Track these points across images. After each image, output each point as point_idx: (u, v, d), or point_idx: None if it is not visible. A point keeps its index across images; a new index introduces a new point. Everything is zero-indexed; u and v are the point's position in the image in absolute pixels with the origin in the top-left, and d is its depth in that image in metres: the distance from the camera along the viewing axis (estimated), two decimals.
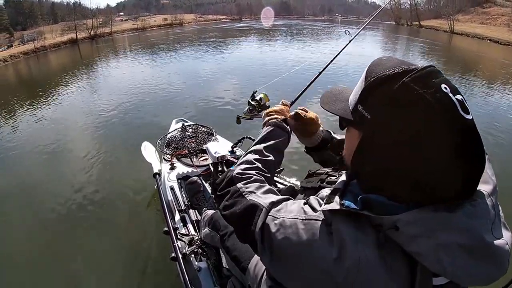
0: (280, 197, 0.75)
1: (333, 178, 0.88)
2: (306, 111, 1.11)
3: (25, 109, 7.60)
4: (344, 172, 0.84)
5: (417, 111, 0.54)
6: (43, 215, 3.40)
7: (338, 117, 0.72)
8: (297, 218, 0.64)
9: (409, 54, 15.71)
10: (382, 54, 12.93)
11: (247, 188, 0.79)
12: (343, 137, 0.96)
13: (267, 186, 0.81)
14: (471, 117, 0.55)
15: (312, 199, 0.69)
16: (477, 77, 10.01)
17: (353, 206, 0.60)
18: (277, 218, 0.67)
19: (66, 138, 5.54)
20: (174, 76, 10.18)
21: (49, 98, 8.42)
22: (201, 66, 11.75)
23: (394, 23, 45.21)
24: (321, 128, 1.14)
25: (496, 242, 0.56)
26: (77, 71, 12.72)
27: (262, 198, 0.74)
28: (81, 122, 6.23)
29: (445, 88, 0.55)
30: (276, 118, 1.07)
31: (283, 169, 2.29)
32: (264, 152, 0.93)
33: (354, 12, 66.61)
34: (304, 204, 0.68)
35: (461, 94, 0.56)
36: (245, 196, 0.77)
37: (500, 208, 0.63)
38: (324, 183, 0.86)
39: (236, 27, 28.54)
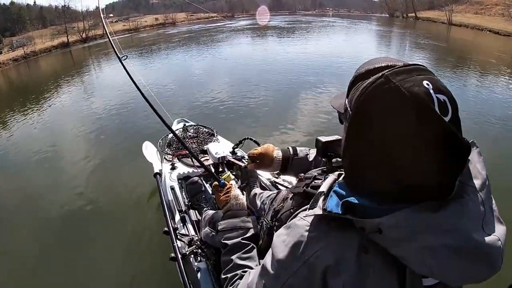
0: (250, 279, 0.81)
1: (319, 182, 0.88)
2: (255, 150, 1.39)
3: (23, 115, 7.56)
4: (331, 174, 0.87)
5: (391, 102, 0.54)
6: (43, 216, 3.45)
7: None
8: None
9: (413, 51, 14.99)
10: (374, 53, 12.95)
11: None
12: (329, 138, 1.06)
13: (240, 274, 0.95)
14: (448, 119, 0.53)
15: (277, 243, 0.72)
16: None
17: (335, 210, 0.60)
18: None
19: (66, 140, 5.58)
20: (176, 76, 10.18)
21: (46, 104, 8.41)
22: (204, 66, 11.73)
23: (387, 15, 44.43)
24: (275, 154, 1.34)
25: (487, 239, 0.55)
26: (72, 75, 12.58)
27: None
28: (81, 124, 6.24)
29: (427, 84, 0.54)
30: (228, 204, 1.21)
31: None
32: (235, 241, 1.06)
33: (345, 6, 66.59)
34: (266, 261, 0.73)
35: (445, 95, 0.54)
36: None
37: (493, 201, 0.62)
38: (309, 188, 0.87)
39: (236, 26, 28.30)
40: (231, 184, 1.24)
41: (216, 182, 1.26)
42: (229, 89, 7.95)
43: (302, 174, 1.02)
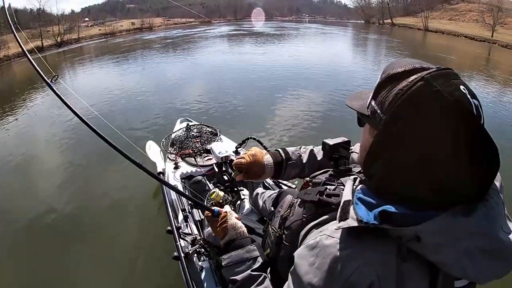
0: None
1: (332, 188, 0.83)
2: (241, 159, 1.23)
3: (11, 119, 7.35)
4: (343, 179, 0.86)
5: (434, 107, 0.53)
6: (46, 216, 3.45)
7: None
8: None
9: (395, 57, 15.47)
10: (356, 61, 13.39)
11: None
12: (336, 141, 1.02)
13: None
14: (482, 123, 0.55)
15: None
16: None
17: (371, 221, 0.58)
18: None
19: (68, 141, 5.54)
20: (178, 77, 10.20)
21: (38, 105, 8.24)
22: (204, 66, 11.88)
23: (364, 21, 44.96)
24: (265, 161, 1.20)
25: (510, 237, 0.58)
26: (59, 78, 12.09)
27: None
28: (80, 124, 6.15)
29: (464, 89, 0.55)
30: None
31: None
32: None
33: (321, 12, 67.77)
34: None
35: (477, 99, 0.56)
36: None
37: None
38: (324, 196, 0.80)
39: (218, 31, 27.96)
40: (226, 212, 1.12)
41: (208, 212, 1.16)
42: (231, 90, 8.05)
43: (308, 178, 0.98)
